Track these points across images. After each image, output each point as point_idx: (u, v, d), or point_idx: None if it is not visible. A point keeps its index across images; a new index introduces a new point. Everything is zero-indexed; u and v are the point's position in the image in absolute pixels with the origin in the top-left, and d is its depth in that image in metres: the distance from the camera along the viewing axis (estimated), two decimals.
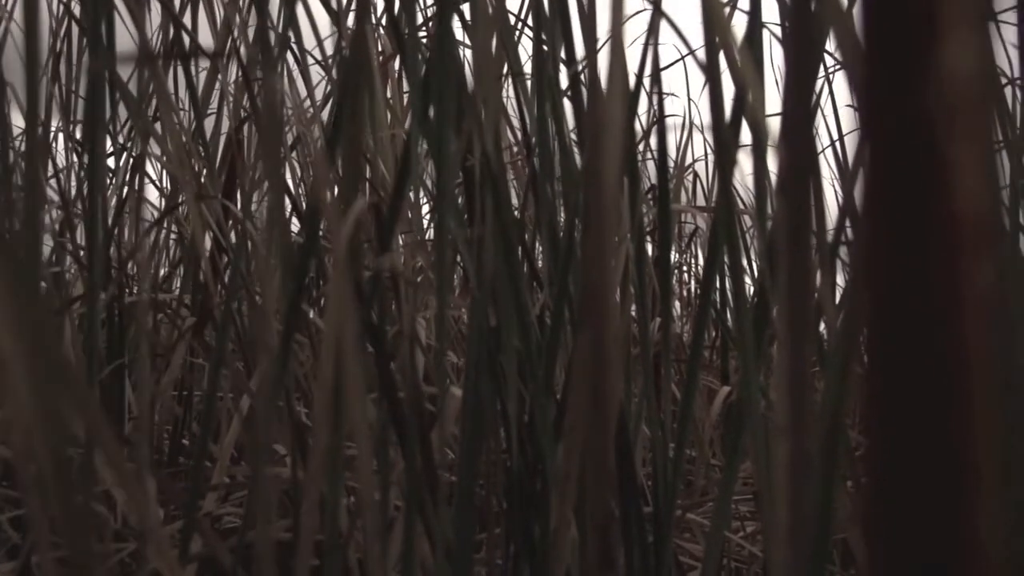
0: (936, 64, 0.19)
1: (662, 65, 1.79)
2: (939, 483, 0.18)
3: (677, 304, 2.22)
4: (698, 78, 2.09)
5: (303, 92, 1.36)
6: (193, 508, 0.58)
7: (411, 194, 0.61)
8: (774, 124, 0.59)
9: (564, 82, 0.75)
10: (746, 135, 0.73)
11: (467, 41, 1.08)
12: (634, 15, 1.52)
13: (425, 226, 1.73)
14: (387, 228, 0.55)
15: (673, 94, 2.15)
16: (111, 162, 1.36)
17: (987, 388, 0.17)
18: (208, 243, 1.12)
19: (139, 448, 0.44)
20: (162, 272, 1.52)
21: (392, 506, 0.74)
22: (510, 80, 0.92)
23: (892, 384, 0.18)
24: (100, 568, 0.30)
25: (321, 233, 0.78)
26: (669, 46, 2.68)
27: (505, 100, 1.24)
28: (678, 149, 1.84)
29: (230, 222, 1.12)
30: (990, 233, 0.17)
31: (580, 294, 0.65)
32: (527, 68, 0.82)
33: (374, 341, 0.55)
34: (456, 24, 0.85)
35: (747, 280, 1.68)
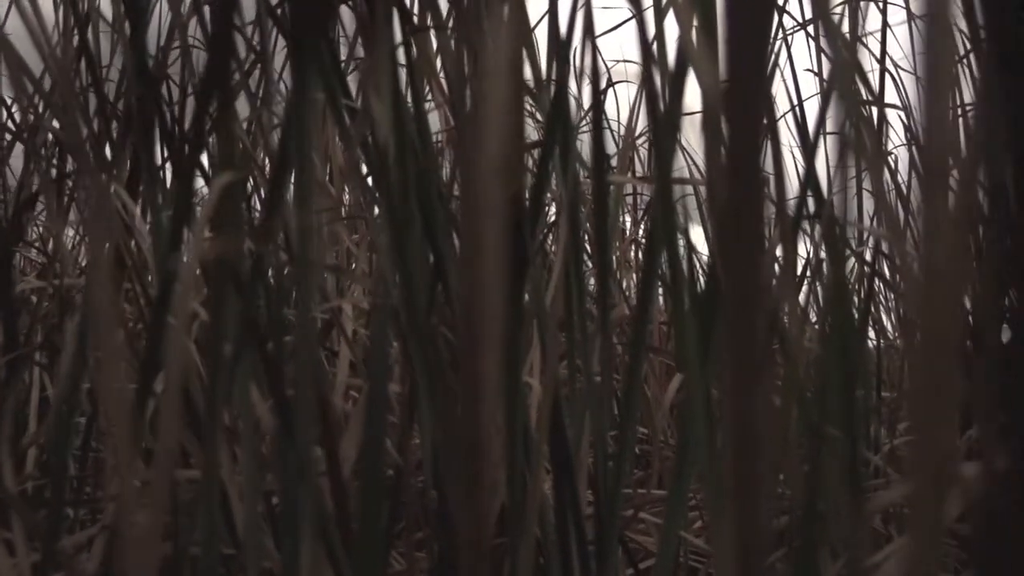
0: None
1: (616, 28, 1.69)
2: None
3: (634, 276, 2.13)
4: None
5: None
6: (54, 535, 0.50)
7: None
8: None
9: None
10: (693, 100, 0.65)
11: None
12: None
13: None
14: (272, 204, 0.47)
15: (630, 60, 2.07)
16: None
17: None
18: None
19: None
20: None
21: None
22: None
23: None
24: None
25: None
26: (624, 10, 2.60)
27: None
28: (631, 118, 1.76)
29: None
30: None
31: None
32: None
33: (255, 336, 0.47)
34: None
35: (703, 259, 1.60)
